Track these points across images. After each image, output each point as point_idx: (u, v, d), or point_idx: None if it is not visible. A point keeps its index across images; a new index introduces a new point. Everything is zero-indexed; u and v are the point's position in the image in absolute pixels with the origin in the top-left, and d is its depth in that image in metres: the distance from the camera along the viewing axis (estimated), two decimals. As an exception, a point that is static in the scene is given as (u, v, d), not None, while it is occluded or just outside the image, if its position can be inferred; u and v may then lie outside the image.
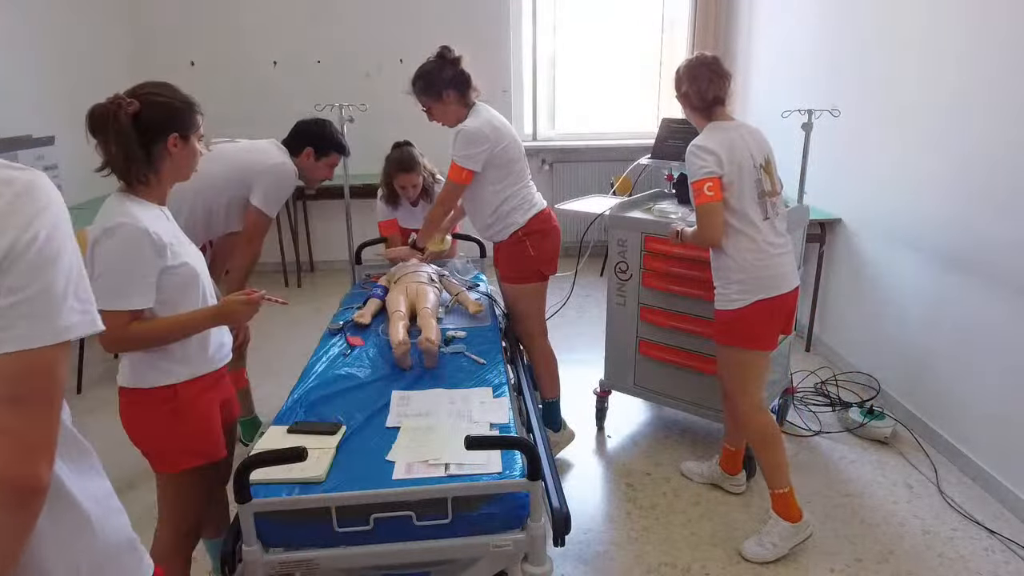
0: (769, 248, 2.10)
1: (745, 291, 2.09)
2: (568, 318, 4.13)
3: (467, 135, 2.37)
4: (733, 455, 2.51)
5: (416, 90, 2.46)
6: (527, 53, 5.21)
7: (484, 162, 2.41)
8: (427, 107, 2.48)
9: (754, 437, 2.19)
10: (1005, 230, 2.41)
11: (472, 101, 2.47)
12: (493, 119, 2.44)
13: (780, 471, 2.16)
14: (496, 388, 2.07)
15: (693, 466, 2.65)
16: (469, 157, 2.39)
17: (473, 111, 2.45)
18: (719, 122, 2.16)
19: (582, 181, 5.27)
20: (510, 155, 2.47)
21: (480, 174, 2.43)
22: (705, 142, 2.08)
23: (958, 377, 2.68)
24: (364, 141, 4.04)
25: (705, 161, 2.05)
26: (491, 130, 2.40)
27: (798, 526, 2.17)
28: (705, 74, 2.14)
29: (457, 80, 2.42)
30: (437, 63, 2.43)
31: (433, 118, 2.53)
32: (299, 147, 2.58)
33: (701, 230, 2.10)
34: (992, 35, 2.46)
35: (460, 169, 2.40)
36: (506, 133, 2.46)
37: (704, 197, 2.05)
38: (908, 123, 2.97)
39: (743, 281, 2.09)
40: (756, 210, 2.09)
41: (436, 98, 2.43)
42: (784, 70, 3.97)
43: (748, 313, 2.10)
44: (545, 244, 2.58)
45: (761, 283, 2.09)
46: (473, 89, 2.47)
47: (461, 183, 2.43)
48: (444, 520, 1.56)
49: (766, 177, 2.13)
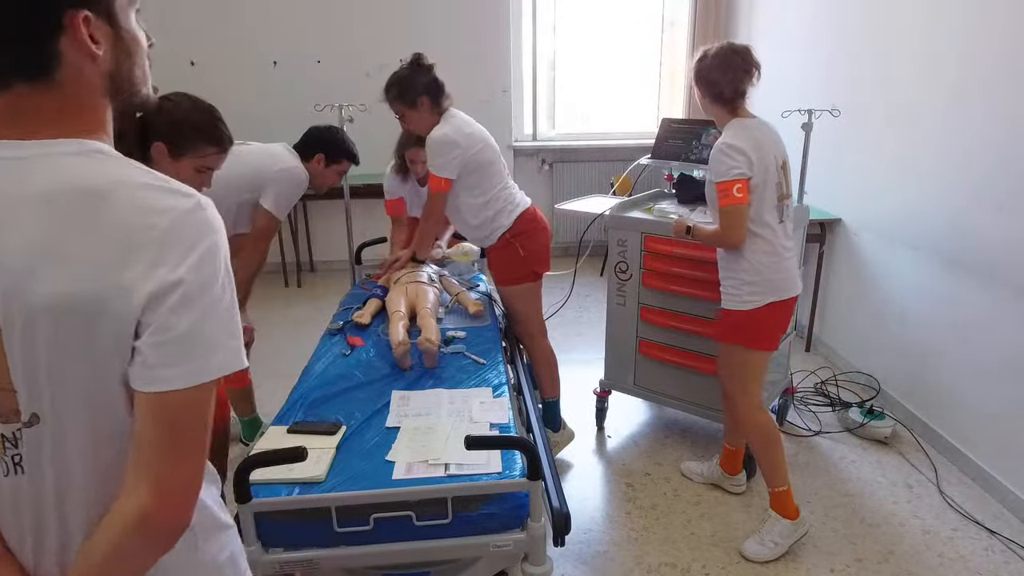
0: (783, 251, 2.09)
1: (758, 293, 2.07)
2: (568, 318, 4.13)
3: (436, 143, 2.38)
4: (733, 454, 2.51)
5: (390, 97, 2.45)
6: (527, 53, 5.21)
7: (459, 168, 2.41)
8: (401, 114, 2.47)
9: (754, 436, 2.19)
10: (1005, 230, 2.41)
11: (445, 108, 2.46)
12: (463, 125, 2.44)
13: (780, 470, 2.16)
14: (496, 388, 2.07)
15: (693, 466, 2.64)
16: (442, 166, 2.39)
17: (444, 118, 2.44)
18: (743, 119, 2.08)
19: (582, 181, 5.27)
20: (485, 158, 2.47)
21: (457, 181, 2.44)
22: (735, 141, 1.99)
23: (958, 377, 2.68)
24: (364, 141, 4.03)
25: (736, 162, 1.97)
26: (462, 136, 2.40)
27: (796, 523, 2.18)
28: (740, 64, 2.03)
29: (431, 87, 2.41)
30: (411, 70, 2.43)
31: (407, 125, 2.52)
32: (310, 152, 2.59)
33: (725, 232, 2.03)
34: (992, 35, 2.46)
35: (437, 179, 2.41)
36: (478, 137, 2.46)
37: (732, 199, 1.98)
38: (908, 123, 2.97)
39: (757, 283, 2.06)
40: (774, 213, 2.07)
41: (410, 105, 2.42)
42: (784, 70, 3.97)
43: (760, 315, 2.08)
44: (534, 243, 2.58)
45: (775, 285, 2.07)
46: (446, 96, 2.46)
47: (441, 191, 2.44)
48: (444, 520, 1.56)
49: (784, 179, 2.10)
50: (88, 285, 0.68)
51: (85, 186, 0.69)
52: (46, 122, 0.72)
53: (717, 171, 2.01)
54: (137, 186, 0.71)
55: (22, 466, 0.74)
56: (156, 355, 0.70)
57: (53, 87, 0.72)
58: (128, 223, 0.69)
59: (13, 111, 0.72)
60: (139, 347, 0.70)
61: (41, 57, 0.70)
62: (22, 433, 0.73)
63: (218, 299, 0.73)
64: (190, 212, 0.72)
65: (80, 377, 0.71)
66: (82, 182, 0.70)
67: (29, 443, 0.73)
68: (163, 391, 0.70)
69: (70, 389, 0.71)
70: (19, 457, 0.74)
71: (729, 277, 2.13)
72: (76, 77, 0.72)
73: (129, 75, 0.77)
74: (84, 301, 0.68)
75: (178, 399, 0.71)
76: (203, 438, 0.75)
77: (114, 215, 0.69)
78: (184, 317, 0.70)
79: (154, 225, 0.69)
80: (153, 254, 0.69)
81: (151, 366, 0.70)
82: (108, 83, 0.75)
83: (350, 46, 4.89)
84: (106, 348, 0.70)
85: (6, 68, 0.71)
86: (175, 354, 0.70)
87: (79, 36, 0.71)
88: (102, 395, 0.72)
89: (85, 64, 0.72)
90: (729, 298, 2.13)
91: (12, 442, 0.73)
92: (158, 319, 0.69)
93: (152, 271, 0.68)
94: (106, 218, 0.69)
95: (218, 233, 0.74)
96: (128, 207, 0.69)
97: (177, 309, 0.69)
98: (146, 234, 0.69)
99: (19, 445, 0.73)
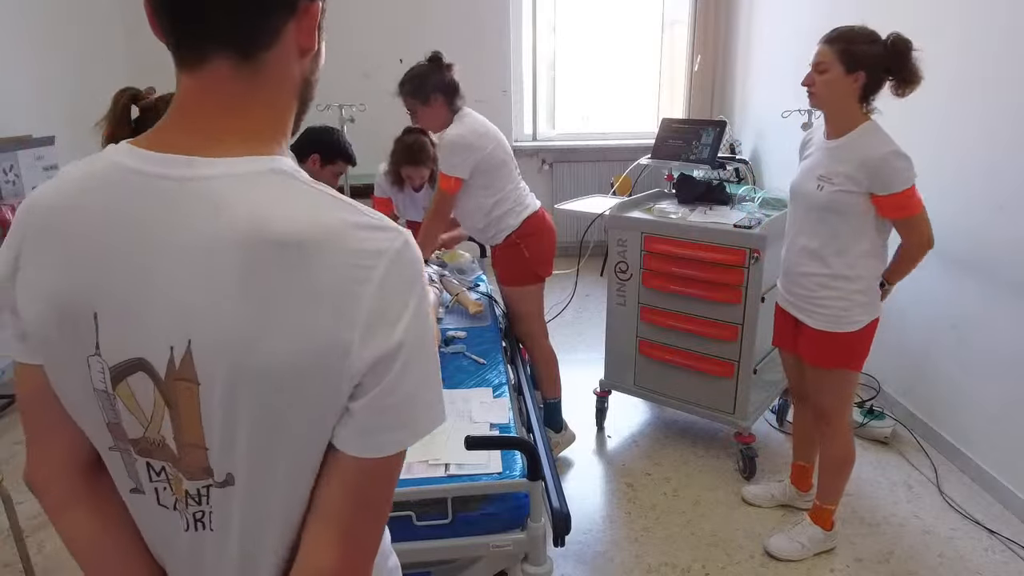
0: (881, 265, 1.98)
1: (869, 312, 1.94)
2: (568, 318, 4.12)
3: (449, 144, 2.38)
4: (806, 471, 2.39)
5: (404, 91, 2.45)
6: (527, 53, 5.21)
7: (471, 168, 2.41)
8: (413, 109, 2.47)
9: (842, 453, 2.11)
10: (1005, 230, 2.41)
11: (458, 108, 2.47)
12: (477, 125, 2.44)
13: (842, 490, 2.17)
14: (496, 388, 2.07)
15: (758, 491, 2.48)
16: (455, 166, 2.39)
17: (457, 118, 2.45)
18: (875, 122, 1.89)
19: (582, 181, 5.26)
20: (498, 158, 2.47)
21: (469, 180, 2.44)
22: (899, 147, 1.82)
23: (958, 377, 2.68)
24: (364, 141, 4.04)
25: (910, 167, 1.81)
26: (475, 137, 2.40)
27: (830, 534, 2.20)
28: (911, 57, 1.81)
29: (447, 86, 2.42)
30: (429, 67, 2.43)
31: (417, 121, 2.52)
32: (306, 153, 2.58)
33: (928, 235, 1.87)
34: (991, 34, 2.46)
35: (448, 178, 2.41)
36: (491, 137, 2.46)
37: (920, 204, 1.84)
38: (907, 122, 2.95)
39: (868, 303, 1.94)
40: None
41: (424, 101, 2.42)
42: (784, 70, 3.97)
43: (866, 333, 1.95)
44: (540, 246, 2.58)
45: (878, 299, 1.97)
46: (460, 97, 2.46)
47: (451, 192, 2.44)
48: (444, 520, 1.56)
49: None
50: (302, 348, 0.60)
51: (283, 233, 0.60)
52: (233, 119, 0.64)
53: (895, 180, 1.80)
54: (340, 227, 0.62)
55: (205, 522, 0.70)
56: (376, 421, 0.64)
57: (254, 72, 0.63)
58: (340, 277, 0.60)
59: (197, 99, 0.64)
60: (355, 410, 0.63)
61: (261, 31, 0.62)
62: (210, 491, 0.68)
63: (433, 355, 0.67)
64: (401, 252, 0.63)
65: (284, 439, 0.64)
66: (279, 228, 0.60)
67: (218, 502, 0.68)
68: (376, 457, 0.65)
69: (272, 451, 0.65)
70: (202, 514, 0.69)
71: (838, 298, 1.94)
72: (282, 67, 0.65)
73: (315, 84, 0.72)
74: (296, 366, 0.61)
75: (384, 462, 0.66)
76: (391, 496, 0.71)
77: (326, 267, 0.60)
78: (407, 380, 0.64)
79: (369, 276, 0.61)
80: (370, 309, 0.61)
81: (369, 431, 0.64)
82: (303, 87, 0.70)
83: (350, 46, 4.88)
84: (319, 413, 0.64)
85: (215, 33, 0.61)
86: (395, 419, 0.65)
87: (310, 24, 0.65)
88: (305, 457, 0.66)
89: (295, 57, 0.66)
90: (836, 320, 1.95)
91: (196, 499, 0.69)
92: (381, 384, 0.63)
93: (373, 331, 0.61)
94: (317, 272, 0.60)
95: (423, 270, 0.67)
96: (336, 257, 0.61)
97: (401, 373, 0.63)
98: (362, 287, 0.61)
99: (204, 503, 0.69)
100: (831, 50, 1.84)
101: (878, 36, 1.84)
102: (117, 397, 0.66)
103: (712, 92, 5.20)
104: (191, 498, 0.69)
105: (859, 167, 1.83)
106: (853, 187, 1.85)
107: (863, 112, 1.89)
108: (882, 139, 1.84)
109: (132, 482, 0.71)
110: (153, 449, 0.68)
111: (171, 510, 0.71)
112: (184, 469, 0.67)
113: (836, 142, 1.91)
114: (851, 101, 1.86)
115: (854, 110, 1.88)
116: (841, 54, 1.83)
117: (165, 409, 0.65)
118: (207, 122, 0.64)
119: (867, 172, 1.82)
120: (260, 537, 0.69)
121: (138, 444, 0.68)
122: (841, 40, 1.84)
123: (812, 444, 2.32)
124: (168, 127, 0.65)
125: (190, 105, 0.64)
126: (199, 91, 0.64)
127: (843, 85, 1.84)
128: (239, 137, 0.64)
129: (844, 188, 1.86)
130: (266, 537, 0.69)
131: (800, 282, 2.03)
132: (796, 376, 2.23)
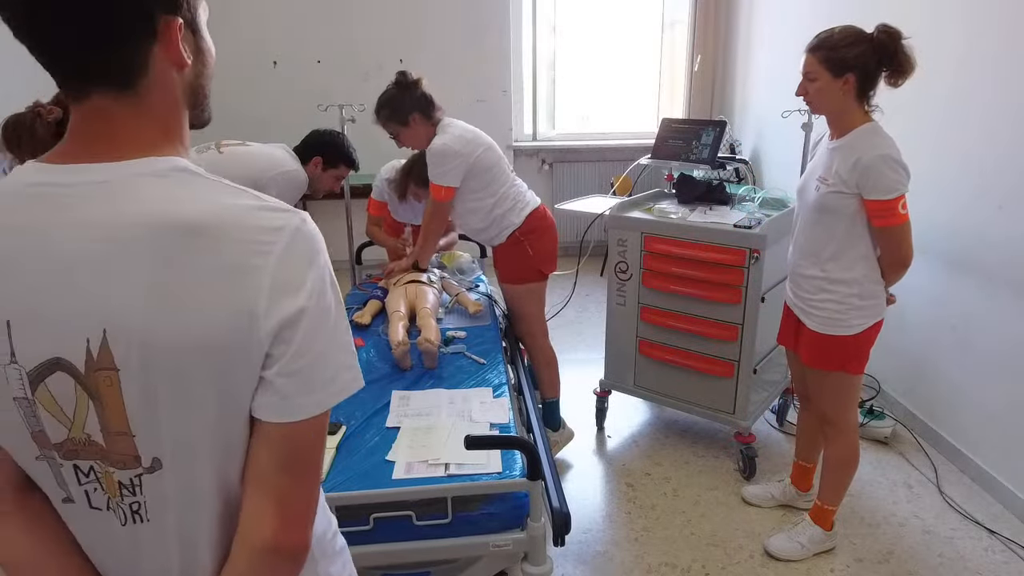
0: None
1: (867, 316, 1.94)
2: (568, 318, 4.13)
3: (435, 154, 2.39)
4: (808, 471, 2.40)
5: (382, 118, 2.46)
6: (527, 53, 5.21)
7: (462, 175, 2.42)
8: (395, 133, 2.48)
9: (846, 455, 2.11)
10: (1005, 229, 2.41)
11: (438, 119, 2.47)
12: (463, 132, 2.44)
13: (844, 491, 2.17)
14: (496, 388, 2.08)
15: (758, 491, 2.48)
16: (444, 174, 2.40)
17: (440, 128, 2.45)
18: (876, 123, 1.86)
19: (582, 181, 5.27)
20: (488, 161, 2.47)
21: (463, 187, 2.44)
22: (898, 156, 1.79)
23: (958, 377, 2.68)
24: (366, 142, 4.04)
25: (902, 177, 1.78)
26: (461, 144, 2.40)
27: (829, 534, 2.20)
28: (901, 48, 1.77)
29: (420, 102, 2.42)
30: (398, 89, 2.43)
31: (402, 143, 2.53)
32: (309, 155, 2.59)
33: (906, 251, 1.84)
34: (992, 34, 2.46)
35: (439, 188, 2.42)
36: (479, 142, 2.47)
37: (904, 217, 1.79)
38: (907, 122, 2.95)
39: (866, 307, 1.93)
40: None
41: (403, 123, 2.43)
42: (784, 70, 3.97)
43: (864, 337, 1.95)
44: (543, 242, 2.58)
45: (880, 307, 1.96)
46: (437, 108, 2.46)
47: (443, 201, 2.45)
48: (444, 520, 1.56)
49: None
50: (210, 323, 0.64)
51: (187, 219, 0.65)
52: (126, 136, 0.68)
53: (884, 187, 1.78)
54: (240, 210, 0.68)
55: (141, 514, 0.72)
56: (290, 385, 0.68)
57: (136, 98, 0.67)
58: (242, 252, 0.65)
59: (89, 124, 0.67)
60: (269, 378, 0.67)
61: (131, 64, 0.66)
62: (142, 480, 0.70)
63: (338, 319, 0.71)
64: (300, 228, 0.69)
65: (205, 417, 0.68)
66: (182, 214, 0.65)
67: (150, 489, 0.71)
68: (297, 420, 0.69)
69: (195, 430, 0.68)
70: (138, 505, 0.71)
71: (834, 301, 1.94)
72: (162, 88, 0.69)
73: (205, 87, 0.75)
74: (208, 340, 0.64)
75: (307, 426, 0.69)
76: (321, 459, 0.74)
77: (230, 246, 0.65)
78: (316, 342, 0.68)
79: (270, 250, 0.66)
80: (273, 279, 0.66)
81: (286, 396, 0.68)
82: (189, 95, 0.73)
83: (350, 46, 4.89)
84: (234, 384, 0.67)
85: (89, 76, 0.66)
86: (310, 380, 0.68)
87: (173, 44, 0.67)
88: (229, 432, 0.70)
89: (171, 74, 0.69)
90: (832, 323, 1.96)
91: (131, 489, 0.71)
92: (289, 349, 0.67)
93: (276, 299, 0.66)
94: (222, 250, 0.65)
95: (323, 248, 0.72)
96: (238, 235, 0.66)
97: (308, 335, 0.67)
98: (264, 259, 0.66)
99: (137, 492, 0.71)
100: (815, 58, 1.83)
101: (862, 34, 1.81)
102: (37, 402, 0.67)
103: (712, 92, 5.20)
104: (125, 489, 0.71)
105: (852, 167, 1.81)
106: (844, 188, 1.84)
107: (864, 112, 1.87)
108: (880, 141, 1.82)
109: (62, 491, 0.72)
110: (79, 449, 0.69)
111: (104, 511, 0.72)
112: (114, 461, 0.69)
113: (837, 143, 1.90)
114: (848, 102, 1.85)
115: (854, 111, 1.86)
116: (825, 61, 1.81)
117: (89, 403, 0.67)
118: (102, 141, 0.68)
119: (858, 172, 1.81)
120: (196, 519, 0.72)
121: (62, 447, 0.69)
122: (822, 47, 1.82)
123: (815, 444, 2.32)
124: (67, 145, 0.69)
125: (83, 128, 0.68)
126: (89, 119, 0.68)
127: (834, 90, 1.83)
128: (134, 146, 0.68)
129: (836, 189, 1.85)
130: (202, 518, 0.72)
131: (801, 283, 2.04)
132: (800, 375, 2.24)
